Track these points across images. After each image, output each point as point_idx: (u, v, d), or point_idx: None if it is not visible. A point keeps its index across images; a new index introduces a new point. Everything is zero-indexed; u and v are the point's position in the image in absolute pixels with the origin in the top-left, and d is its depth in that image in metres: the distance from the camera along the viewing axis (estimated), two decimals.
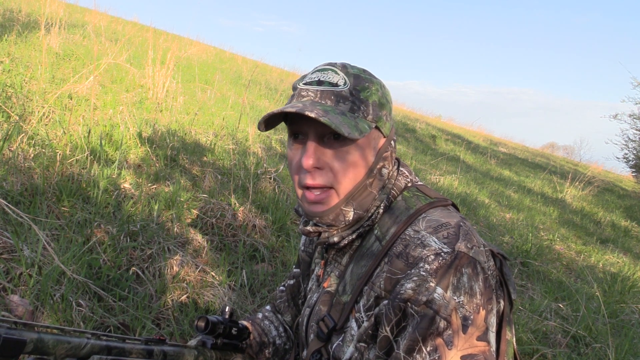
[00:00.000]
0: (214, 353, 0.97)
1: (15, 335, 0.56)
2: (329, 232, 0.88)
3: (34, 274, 1.40)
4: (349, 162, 0.82)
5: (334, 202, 0.84)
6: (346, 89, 0.83)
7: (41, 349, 0.60)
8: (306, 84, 0.85)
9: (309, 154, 0.81)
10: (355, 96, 0.83)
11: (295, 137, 0.86)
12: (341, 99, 0.82)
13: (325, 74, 0.84)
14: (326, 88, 0.83)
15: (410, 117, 13.66)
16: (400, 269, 0.77)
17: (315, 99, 0.83)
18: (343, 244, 0.88)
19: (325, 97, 0.82)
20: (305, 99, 0.83)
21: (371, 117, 0.84)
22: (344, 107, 0.82)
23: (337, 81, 0.83)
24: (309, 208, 0.85)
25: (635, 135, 11.67)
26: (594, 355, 2.14)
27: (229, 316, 1.01)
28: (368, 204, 0.86)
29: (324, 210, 0.84)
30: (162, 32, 9.49)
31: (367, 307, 0.81)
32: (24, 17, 5.08)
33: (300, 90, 0.85)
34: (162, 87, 3.98)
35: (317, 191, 0.83)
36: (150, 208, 2.09)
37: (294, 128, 0.85)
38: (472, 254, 0.76)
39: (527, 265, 3.32)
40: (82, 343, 0.66)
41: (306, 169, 0.82)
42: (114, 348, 0.72)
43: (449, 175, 5.93)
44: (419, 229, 0.80)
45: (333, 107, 0.81)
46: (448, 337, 0.71)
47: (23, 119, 2.40)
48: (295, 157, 0.86)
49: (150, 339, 0.82)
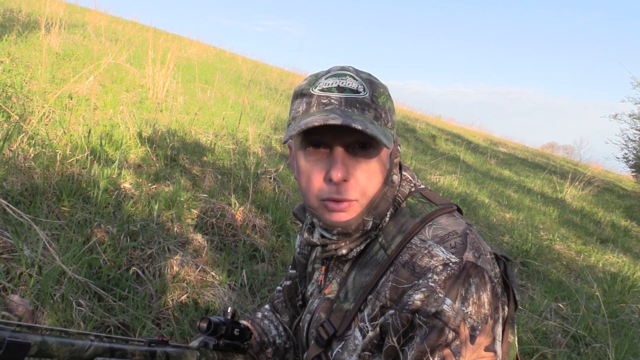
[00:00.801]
0: (216, 354, 0.97)
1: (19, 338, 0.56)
2: (337, 244, 0.86)
3: (34, 273, 1.40)
4: (373, 172, 0.81)
5: (357, 212, 0.81)
6: (367, 95, 0.80)
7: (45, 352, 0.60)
8: (324, 91, 0.81)
9: (339, 166, 0.78)
10: (375, 103, 0.81)
11: (316, 146, 0.81)
12: (365, 107, 0.80)
13: (343, 80, 0.81)
14: (349, 95, 0.80)
15: (410, 117, 13.65)
16: (406, 278, 0.76)
17: (340, 107, 0.79)
18: (351, 256, 0.87)
19: (350, 105, 0.79)
20: (328, 107, 0.79)
21: (390, 124, 0.83)
22: (369, 115, 0.79)
23: (357, 87, 0.80)
24: (330, 218, 0.82)
25: (635, 135, 11.68)
26: (594, 355, 2.14)
27: (231, 317, 1.00)
28: (385, 212, 0.84)
29: (348, 220, 0.81)
30: (162, 32, 9.49)
31: (372, 316, 0.80)
32: (24, 17, 5.08)
33: (320, 98, 0.81)
34: (162, 87, 3.98)
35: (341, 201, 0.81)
36: (150, 208, 2.09)
37: (315, 138, 0.80)
38: (480, 264, 0.75)
39: (527, 265, 3.32)
40: (86, 345, 0.66)
41: (336, 182, 0.78)
42: (117, 350, 0.72)
43: (449, 175, 5.93)
44: (425, 237, 0.79)
45: (360, 115, 0.78)
46: (456, 347, 0.71)
47: (23, 119, 2.40)
48: (315, 168, 0.81)
49: (153, 340, 0.82)
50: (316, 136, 0.80)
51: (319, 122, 0.74)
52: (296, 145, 0.86)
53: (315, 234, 0.91)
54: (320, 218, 0.84)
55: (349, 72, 0.83)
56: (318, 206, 0.83)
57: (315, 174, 0.81)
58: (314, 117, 0.77)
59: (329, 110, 0.79)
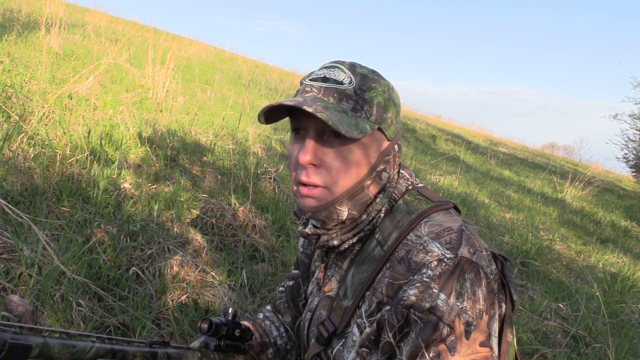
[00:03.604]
0: (217, 355, 0.97)
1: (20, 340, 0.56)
2: (328, 234, 0.87)
3: (34, 274, 1.40)
4: (350, 161, 0.82)
5: (327, 199, 0.83)
6: (351, 87, 0.82)
7: (46, 354, 0.60)
8: (312, 80, 0.85)
9: (306, 150, 0.81)
10: (359, 95, 0.82)
11: (297, 132, 0.86)
12: (344, 97, 0.81)
13: (331, 71, 0.83)
14: (330, 85, 0.82)
15: (410, 117, 13.65)
16: (402, 274, 0.77)
17: (317, 95, 0.82)
18: (343, 248, 0.88)
19: (328, 94, 0.82)
20: (308, 94, 0.83)
21: (374, 117, 0.83)
22: (346, 105, 0.81)
23: (342, 79, 0.82)
24: (302, 202, 0.85)
25: (635, 135, 11.67)
26: (594, 355, 2.14)
27: (232, 318, 1.00)
28: (363, 205, 0.85)
29: (316, 205, 0.83)
30: (162, 32, 9.49)
31: (369, 312, 0.81)
32: (24, 17, 5.08)
33: (305, 86, 0.85)
34: (162, 87, 3.98)
35: (311, 187, 0.83)
36: (150, 208, 2.09)
37: (296, 123, 0.85)
38: (475, 259, 0.75)
39: (527, 265, 3.32)
40: (87, 347, 0.66)
41: (302, 165, 0.81)
42: (118, 351, 0.72)
43: (449, 175, 5.92)
44: (421, 234, 0.79)
45: (335, 104, 0.81)
46: (451, 343, 0.71)
47: (23, 119, 2.40)
48: (294, 152, 0.85)
49: (154, 342, 0.82)
50: (295, 122, 0.85)
51: (277, 104, 0.80)
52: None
53: (308, 226, 0.92)
54: (297, 203, 0.88)
55: (341, 65, 0.84)
56: (295, 191, 0.86)
57: (293, 157, 0.86)
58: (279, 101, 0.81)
59: (305, 97, 0.82)
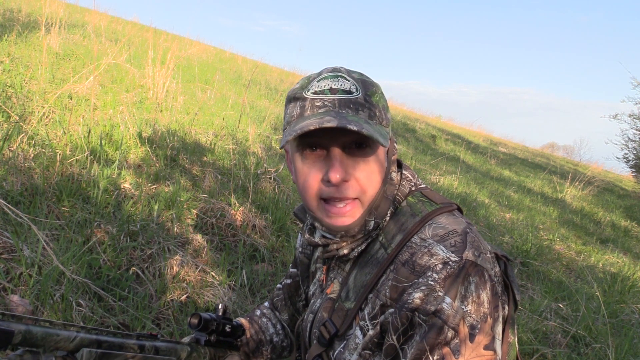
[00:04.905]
0: (207, 350, 0.97)
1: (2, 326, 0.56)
2: (338, 244, 0.86)
3: (34, 274, 1.40)
4: (372, 170, 0.81)
5: (359, 214, 0.81)
6: (360, 95, 0.80)
7: (30, 341, 0.60)
8: (317, 93, 0.81)
9: (337, 167, 0.78)
10: (368, 102, 0.81)
11: (312, 149, 0.81)
12: (359, 107, 0.80)
13: (335, 81, 0.81)
14: (342, 96, 0.80)
15: (410, 117, 13.65)
16: (406, 277, 0.76)
17: (335, 109, 0.79)
18: (353, 256, 0.86)
19: (344, 106, 0.79)
20: (322, 109, 0.79)
21: (385, 122, 0.83)
22: (364, 114, 0.80)
23: (349, 88, 0.80)
24: (331, 222, 0.82)
25: (635, 135, 11.68)
26: (594, 355, 2.14)
27: (222, 313, 1.02)
28: (386, 211, 0.84)
29: (350, 223, 0.81)
30: (162, 32, 9.48)
31: (372, 315, 0.81)
32: (24, 17, 5.08)
33: (313, 100, 0.80)
34: (162, 87, 3.98)
35: (342, 204, 0.80)
36: (150, 208, 2.09)
37: (311, 140, 0.80)
38: (480, 262, 0.75)
39: (527, 265, 3.32)
40: (72, 336, 0.66)
41: (335, 183, 0.78)
42: (104, 342, 0.73)
43: (449, 175, 5.92)
44: (425, 236, 0.79)
45: (355, 115, 0.78)
46: (455, 346, 0.71)
47: (23, 119, 2.40)
48: (312, 170, 0.81)
49: (141, 334, 0.83)
50: (313, 138, 0.79)
51: (315, 126, 0.74)
52: (292, 148, 0.86)
53: (317, 235, 0.90)
54: (321, 222, 0.84)
55: (341, 73, 0.83)
56: (317, 208, 0.83)
57: (312, 176, 0.81)
58: (309, 121, 0.77)
59: (324, 112, 0.79)
